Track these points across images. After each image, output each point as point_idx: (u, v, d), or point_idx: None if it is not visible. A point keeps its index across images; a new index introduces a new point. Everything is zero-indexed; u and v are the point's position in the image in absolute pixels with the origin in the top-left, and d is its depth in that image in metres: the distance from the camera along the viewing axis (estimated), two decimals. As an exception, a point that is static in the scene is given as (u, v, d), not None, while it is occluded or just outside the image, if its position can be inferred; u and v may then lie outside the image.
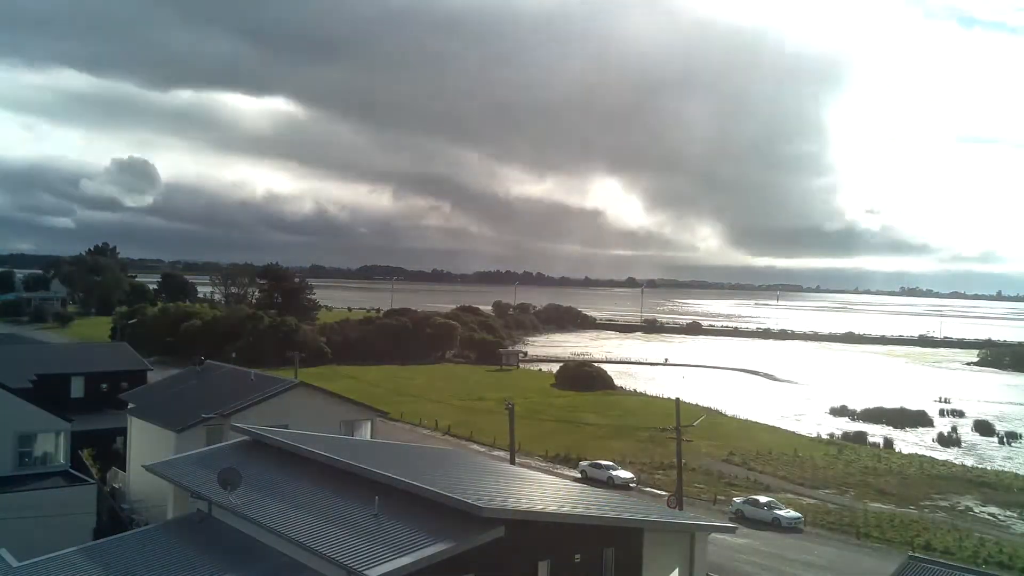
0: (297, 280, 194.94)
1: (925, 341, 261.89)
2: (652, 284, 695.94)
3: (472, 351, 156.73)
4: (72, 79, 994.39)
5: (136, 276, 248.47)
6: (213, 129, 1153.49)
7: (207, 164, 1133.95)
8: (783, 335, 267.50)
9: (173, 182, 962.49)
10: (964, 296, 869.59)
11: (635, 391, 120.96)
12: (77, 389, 58.90)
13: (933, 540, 50.92)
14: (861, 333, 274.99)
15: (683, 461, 55.19)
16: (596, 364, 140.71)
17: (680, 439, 53.47)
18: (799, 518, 53.69)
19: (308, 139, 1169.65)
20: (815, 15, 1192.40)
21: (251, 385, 46.69)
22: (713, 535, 34.56)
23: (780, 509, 54.24)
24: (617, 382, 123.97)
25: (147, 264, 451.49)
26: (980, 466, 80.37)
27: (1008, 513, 61.16)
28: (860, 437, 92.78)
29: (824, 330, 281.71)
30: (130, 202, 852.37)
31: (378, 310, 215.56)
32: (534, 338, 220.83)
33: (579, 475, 63.49)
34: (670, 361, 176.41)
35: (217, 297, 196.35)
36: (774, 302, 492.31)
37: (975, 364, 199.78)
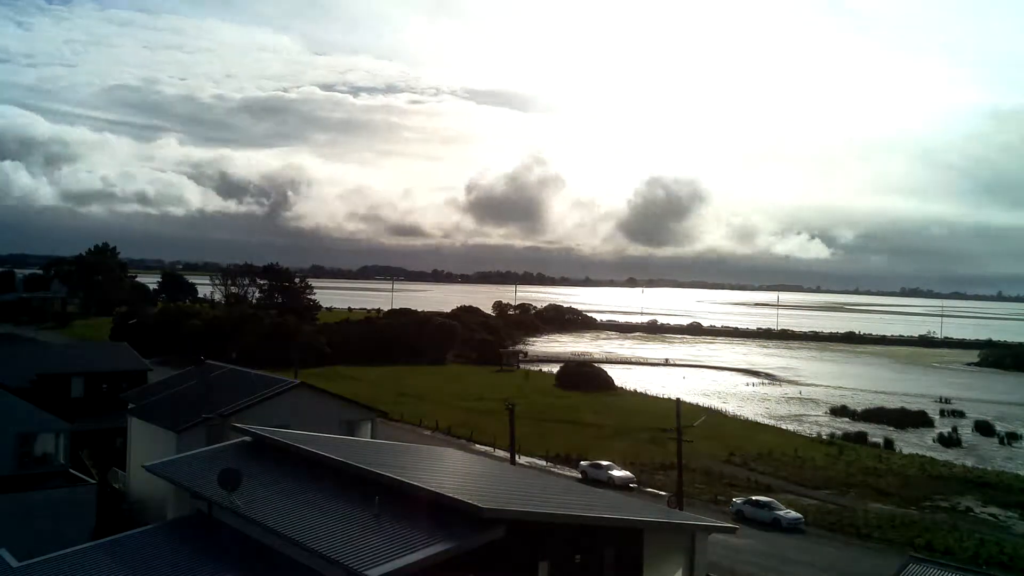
0: (297, 280, 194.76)
1: (926, 342, 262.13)
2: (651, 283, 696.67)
3: (473, 351, 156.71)
4: None
5: (136, 276, 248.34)
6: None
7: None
8: (784, 335, 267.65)
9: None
10: (964, 296, 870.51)
11: (635, 391, 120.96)
12: (77, 389, 58.88)
13: (934, 541, 50.84)
14: (862, 333, 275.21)
15: (683, 461, 55.16)
16: (596, 364, 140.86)
17: (680, 439, 53.46)
18: (800, 519, 53.65)
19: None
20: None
21: (251, 385, 46.66)
22: (713, 535, 34.49)
23: (780, 510, 54.20)
24: (617, 382, 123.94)
25: (147, 264, 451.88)
26: (980, 467, 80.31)
27: (1009, 514, 61.10)
28: (861, 437, 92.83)
29: (825, 330, 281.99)
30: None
31: (379, 310, 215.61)
32: (534, 338, 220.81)
33: (579, 475, 63.45)
34: (671, 361, 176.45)
35: (217, 297, 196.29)
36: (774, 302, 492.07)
37: (976, 365, 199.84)
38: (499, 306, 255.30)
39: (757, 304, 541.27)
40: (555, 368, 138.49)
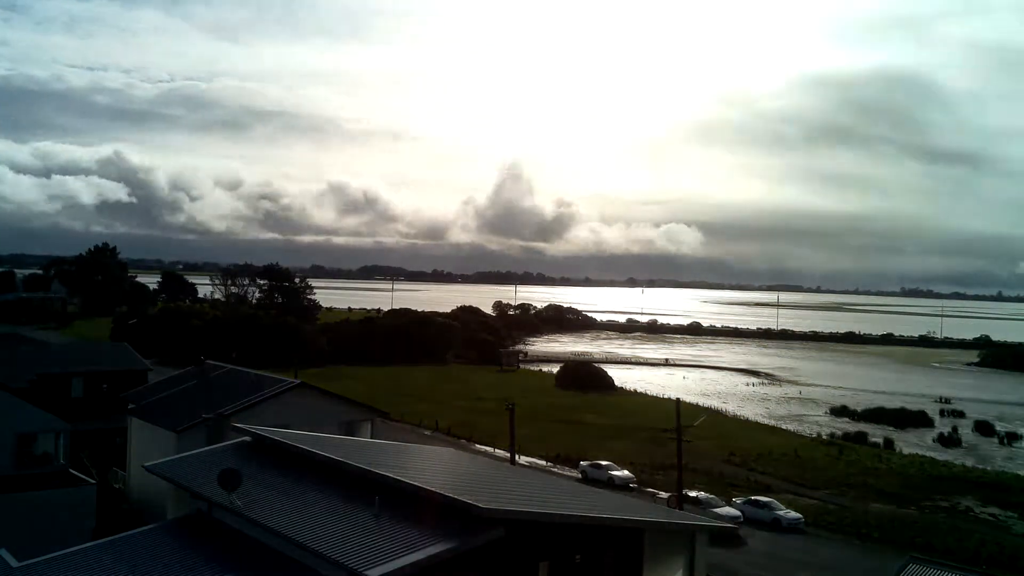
0: (297, 280, 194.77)
1: (926, 341, 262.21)
2: (651, 284, 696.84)
3: (473, 352, 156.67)
4: None
5: (136, 276, 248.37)
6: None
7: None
8: (784, 335, 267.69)
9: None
10: (964, 296, 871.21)
11: (635, 391, 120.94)
12: (77, 389, 58.91)
13: (934, 541, 50.80)
14: (862, 333, 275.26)
15: (683, 461, 55.18)
16: (596, 364, 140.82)
17: (680, 439, 53.50)
18: (800, 519, 53.63)
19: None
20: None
21: (251, 385, 46.69)
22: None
23: (780, 510, 54.18)
24: (617, 382, 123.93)
25: (147, 264, 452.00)
26: (980, 466, 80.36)
27: (1008, 514, 61.06)
28: (861, 437, 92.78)
29: (825, 330, 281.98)
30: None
31: (379, 310, 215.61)
32: (534, 338, 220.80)
33: (579, 475, 63.45)
34: (671, 361, 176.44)
35: (217, 297, 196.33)
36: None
37: (976, 365, 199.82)
38: (499, 306, 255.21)
39: (757, 304, 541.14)
40: (555, 368, 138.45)
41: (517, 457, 58.29)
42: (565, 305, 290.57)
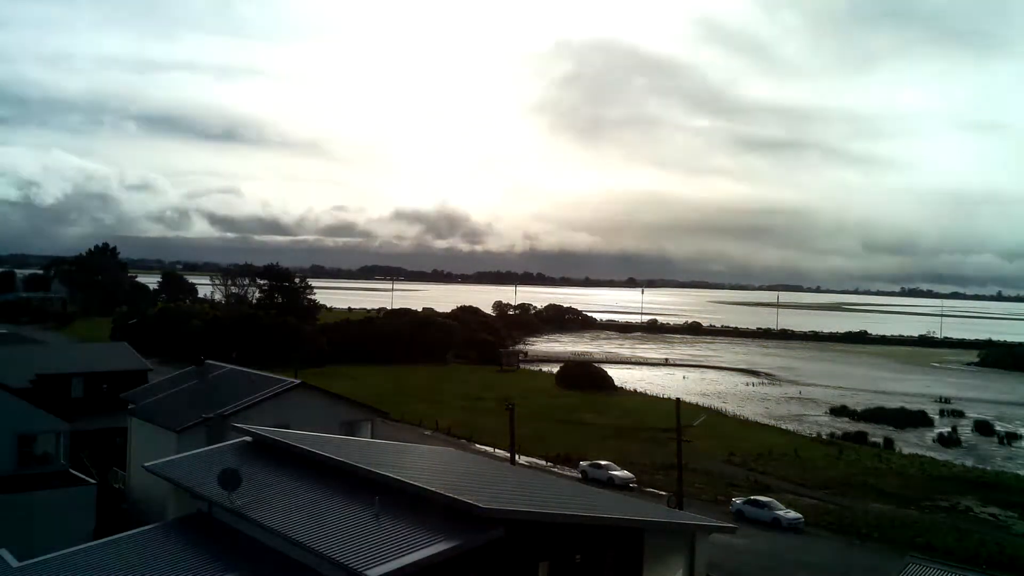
0: (298, 280, 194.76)
1: (926, 341, 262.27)
2: (651, 284, 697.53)
3: (473, 352, 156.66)
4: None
5: (136, 276, 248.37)
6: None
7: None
8: (784, 335, 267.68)
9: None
10: (964, 296, 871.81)
11: (636, 391, 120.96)
12: (77, 389, 58.89)
13: (934, 541, 50.85)
14: (862, 333, 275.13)
15: (683, 461, 55.18)
16: (597, 364, 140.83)
17: (680, 439, 53.52)
18: (800, 519, 53.66)
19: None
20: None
21: (251, 385, 46.66)
22: (713, 535, 34.50)
23: (780, 510, 54.21)
24: (617, 382, 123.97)
25: (147, 264, 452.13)
26: (980, 467, 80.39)
27: (1009, 514, 61.10)
28: (860, 437, 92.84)
29: (825, 330, 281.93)
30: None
31: (379, 310, 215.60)
32: (534, 338, 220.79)
33: (579, 475, 63.47)
34: (671, 361, 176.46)
35: (217, 297, 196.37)
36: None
37: (976, 365, 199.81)
38: (499, 306, 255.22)
39: (758, 304, 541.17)
40: (555, 368, 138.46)
41: (517, 457, 58.29)
42: (565, 305, 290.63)
